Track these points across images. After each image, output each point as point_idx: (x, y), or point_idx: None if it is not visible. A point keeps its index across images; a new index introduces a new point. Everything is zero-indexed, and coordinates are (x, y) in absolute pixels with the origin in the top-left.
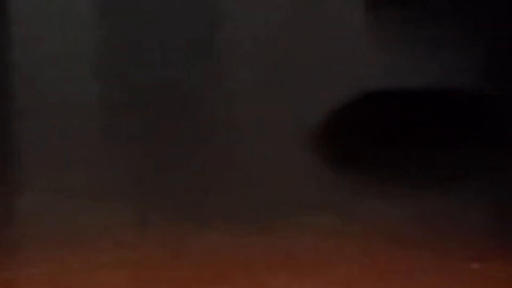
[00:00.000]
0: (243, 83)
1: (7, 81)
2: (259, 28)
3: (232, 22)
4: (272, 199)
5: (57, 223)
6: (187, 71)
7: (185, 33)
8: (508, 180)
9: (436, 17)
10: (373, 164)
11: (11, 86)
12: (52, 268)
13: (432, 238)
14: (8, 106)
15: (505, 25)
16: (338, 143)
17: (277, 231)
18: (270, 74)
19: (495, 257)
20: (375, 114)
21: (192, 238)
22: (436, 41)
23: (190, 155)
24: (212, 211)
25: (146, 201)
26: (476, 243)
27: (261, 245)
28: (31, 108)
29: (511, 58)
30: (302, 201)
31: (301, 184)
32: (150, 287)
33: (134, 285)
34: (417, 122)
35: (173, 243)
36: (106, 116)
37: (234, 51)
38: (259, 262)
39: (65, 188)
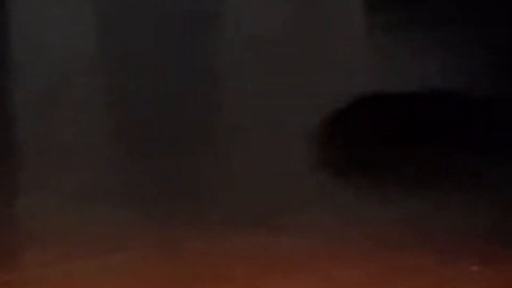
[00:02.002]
0: (242, 84)
1: (7, 81)
2: (258, 29)
3: (232, 22)
4: (271, 200)
5: (57, 223)
6: (187, 71)
7: (185, 32)
8: (507, 181)
9: (435, 19)
10: (372, 166)
11: (11, 86)
12: (52, 269)
13: (431, 239)
14: (8, 106)
15: (505, 25)
16: (337, 145)
17: (276, 232)
18: (269, 75)
19: (494, 259)
20: (375, 116)
21: (192, 238)
22: (435, 42)
23: (190, 155)
24: (211, 211)
25: (145, 201)
26: (475, 245)
27: (260, 245)
28: (31, 108)
29: (511, 58)
30: (301, 202)
31: (300, 186)
32: (149, 287)
33: (134, 285)
34: (416, 124)
35: (171, 243)
36: (106, 117)
37: (233, 52)
38: (258, 262)
39: (65, 188)
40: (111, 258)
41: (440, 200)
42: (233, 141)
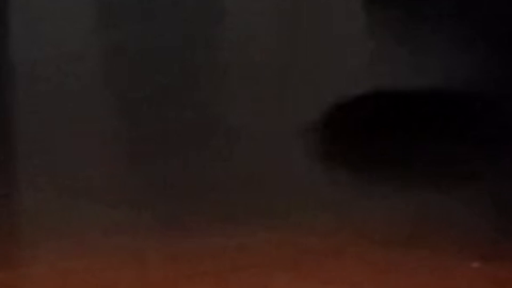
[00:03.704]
0: (241, 82)
1: (7, 81)
2: (257, 26)
3: (231, 20)
4: (271, 199)
5: (57, 223)
6: (186, 70)
7: (185, 32)
8: (508, 179)
9: (437, 15)
10: (372, 164)
11: (11, 86)
12: (52, 269)
13: (431, 237)
14: (8, 106)
15: (505, 25)
16: (338, 143)
17: (275, 231)
18: (268, 73)
19: (495, 257)
20: (374, 114)
21: (191, 238)
22: (435, 41)
23: (189, 155)
24: (211, 211)
25: (144, 201)
26: (476, 242)
27: (259, 245)
28: (32, 109)
29: (511, 58)
30: (301, 200)
31: (299, 185)
32: (148, 287)
33: (132, 285)
34: (417, 122)
35: (170, 242)
36: (105, 117)
37: (233, 49)
38: (257, 262)
39: (65, 188)
40: (111, 257)
41: (440, 197)
42: (231, 140)
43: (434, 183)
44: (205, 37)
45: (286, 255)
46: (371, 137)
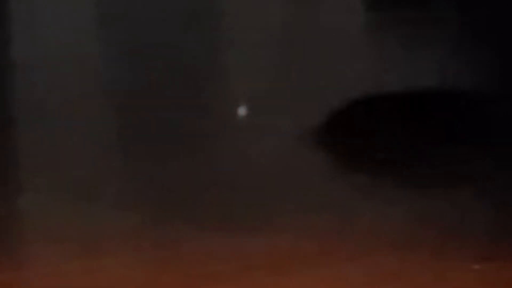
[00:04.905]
0: (243, 84)
1: (7, 82)
2: (258, 27)
3: (232, 22)
4: (272, 199)
5: (56, 223)
6: (186, 69)
7: (185, 31)
8: (508, 180)
9: (436, 18)
10: (373, 165)
11: (11, 86)
12: (52, 269)
13: (432, 238)
14: (8, 106)
15: (505, 25)
16: (338, 143)
17: (276, 231)
18: (269, 75)
19: (495, 257)
20: (375, 114)
21: (188, 238)
22: (436, 41)
23: (187, 156)
24: (209, 212)
25: (143, 201)
26: (476, 243)
27: (260, 245)
28: (32, 109)
29: (511, 58)
30: (301, 201)
31: (298, 186)
32: (146, 287)
33: (131, 285)
34: (417, 122)
35: (169, 243)
36: (105, 117)
37: (234, 52)
38: (257, 262)
39: (65, 188)
40: (110, 257)
41: (440, 198)
42: (229, 142)
43: (434, 184)
44: (205, 37)
45: (285, 255)
46: (371, 138)
